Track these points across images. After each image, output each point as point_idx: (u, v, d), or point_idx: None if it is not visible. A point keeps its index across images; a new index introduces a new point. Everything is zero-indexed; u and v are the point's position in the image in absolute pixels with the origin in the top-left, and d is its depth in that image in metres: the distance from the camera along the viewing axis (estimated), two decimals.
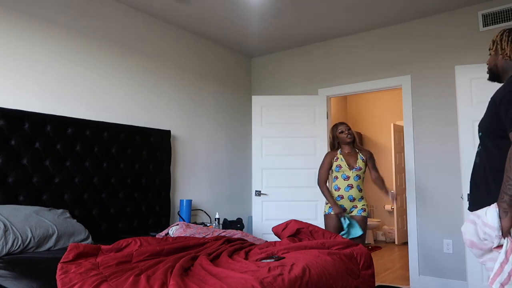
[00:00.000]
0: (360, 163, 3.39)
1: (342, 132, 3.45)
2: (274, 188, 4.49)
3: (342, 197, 3.33)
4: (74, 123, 3.17)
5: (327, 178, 3.47)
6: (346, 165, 3.36)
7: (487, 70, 1.83)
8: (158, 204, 3.81)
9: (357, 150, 3.48)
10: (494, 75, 1.80)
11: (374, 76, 4.35)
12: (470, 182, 1.78)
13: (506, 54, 1.70)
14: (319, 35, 4.57)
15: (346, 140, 3.42)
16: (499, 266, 1.45)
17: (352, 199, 3.33)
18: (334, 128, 3.52)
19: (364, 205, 3.37)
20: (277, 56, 5.14)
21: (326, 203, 3.41)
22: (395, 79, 4.19)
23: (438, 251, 3.81)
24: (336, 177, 3.39)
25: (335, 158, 3.43)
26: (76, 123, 3.19)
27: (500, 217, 1.48)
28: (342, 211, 3.29)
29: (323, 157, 3.55)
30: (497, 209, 1.50)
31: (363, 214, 3.33)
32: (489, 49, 1.79)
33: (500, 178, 1.60)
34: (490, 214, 1.51)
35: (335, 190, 3.38)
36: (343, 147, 3.47)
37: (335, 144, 3.50)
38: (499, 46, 1.74)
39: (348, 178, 3.34)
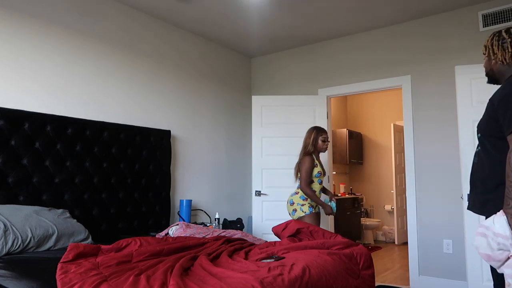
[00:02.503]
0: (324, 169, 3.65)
1: (324, 141, 3.48)
2: (274, 188, 4.49)
3: None
4: (74, 123, 3.17)
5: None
6: (323, 173, 3.50)
7: (485, 73, 1.84)
8: (158, 204, 3.81)
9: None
10: (492, 79, 1.81)
11: (374, 76, 4.35)
12: (469, 182, 1.79)
13: (499, 58, 1.71)
14: (319, 35, 4.57)
15: (323, 150, 3.50)
16: None
17: None
18: (318, 133, 3.49)
19: None
20: (277, 56, 5.14)
21: (303, 204, 3.39)
22: (395, 79, 4.19)
23: (438, 251, 3.81)
24: (312, 181, 3.44)
25: (314, 164, 3.44)
26: (76, 123, 3.19)
27: (509, 224, 1.43)
28: (332, 210, 3.40)
29: (305, 161, 3.41)
30: (505, 216, 1.45)
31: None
32: (483, 53, 1.80)
33: (497, 179, 1.60)
34: (499, 223, 1.46)
35: None
36: (315, 153, 3.51)
37: (312, 147, 3.46)
38: (491, 51, 1.75)
39: (322, 182, 3.51)
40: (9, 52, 2.92)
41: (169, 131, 3.98)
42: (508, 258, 1.46)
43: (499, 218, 1.46)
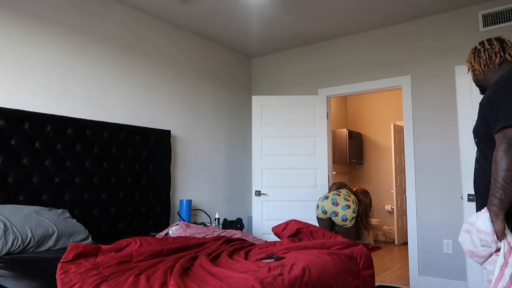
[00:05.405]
0: None
1: None
2: (274, 188, 4.49)
3: None
4: (74, 123, 3.17)
5: None
6: None
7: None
8: (158, 204, 3.81)
9: None
10: (482, 89, 1.91)
11: (374, 76, 4.35)
12: (474, 190, 1.79)
13: (477, 69, 1.83)
14: (319, 35, 4.57)
15: None
16: (500, 270, 1.42)
17: None
18: None
19: None
20: (277, 56, 5.14)
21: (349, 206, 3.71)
22: (395, 79, 4.19)
23: (438, 251, 3.81)
24: None
25: None
26: (76, 123, 3.19)
27: (492, 221, 1.46)
28: None
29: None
30: (488, 213, 1.48)
31: None
32: (468, 70, 1.92)
33: None
34: (482, 219, 1.49)
35: None
36: None
37: None
38: (470, 66, 1.88)
39: None
40: (9, 52, 2.92)
41: (169, 131, 3.98)
42: (491, 254, 1.48)
43: (483, 214, 1.50)
